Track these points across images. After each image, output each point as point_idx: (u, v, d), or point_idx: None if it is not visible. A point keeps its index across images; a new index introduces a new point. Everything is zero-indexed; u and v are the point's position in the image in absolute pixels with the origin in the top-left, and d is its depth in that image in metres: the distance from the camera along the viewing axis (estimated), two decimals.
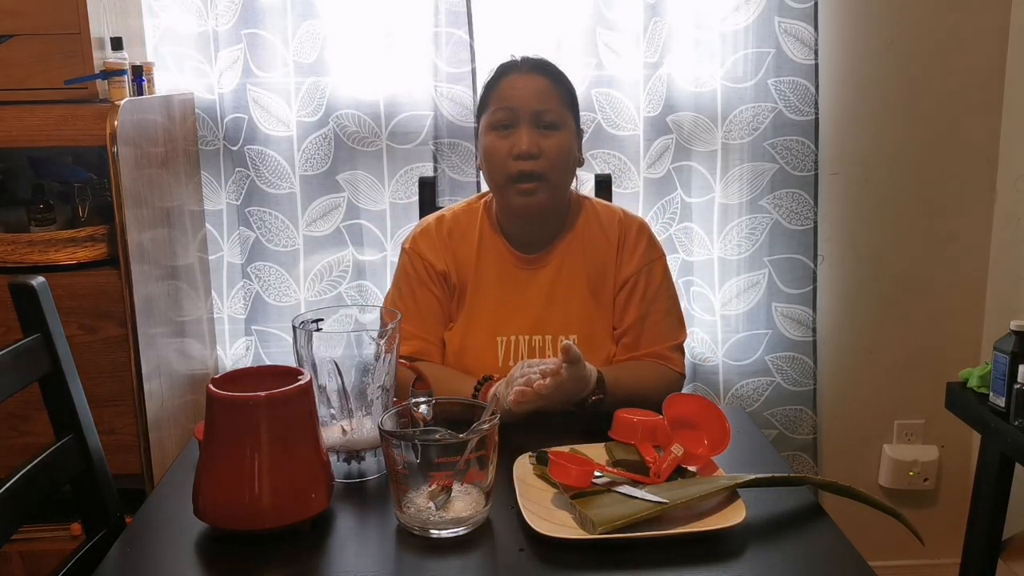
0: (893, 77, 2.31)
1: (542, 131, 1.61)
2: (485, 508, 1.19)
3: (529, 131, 1.60)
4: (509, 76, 1.64)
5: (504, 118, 1.62)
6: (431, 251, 1.70)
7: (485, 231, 1.71)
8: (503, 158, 1.61)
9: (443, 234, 1.71)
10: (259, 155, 2.21)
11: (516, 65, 1.66)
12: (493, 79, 1.67)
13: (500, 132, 1.62)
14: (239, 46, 2.16)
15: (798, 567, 1.13)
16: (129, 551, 1.18)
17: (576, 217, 1.72)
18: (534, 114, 1.61)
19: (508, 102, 1.61)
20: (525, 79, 1.63)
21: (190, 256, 2.17)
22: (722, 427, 1.34)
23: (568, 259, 1.70)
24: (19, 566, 1.88)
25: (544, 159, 1.60)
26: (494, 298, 1.68)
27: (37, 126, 1.79)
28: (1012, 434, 1.79)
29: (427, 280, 1.69)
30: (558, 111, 1.63)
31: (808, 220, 2.29)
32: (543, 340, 1.66)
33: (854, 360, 2.45)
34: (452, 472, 1.16)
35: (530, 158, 1.59)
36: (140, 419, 1.86)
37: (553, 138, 1.61)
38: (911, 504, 2.50)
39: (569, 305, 1.68)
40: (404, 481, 1.17)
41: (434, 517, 1.16)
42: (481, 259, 1.69)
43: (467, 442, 1.16)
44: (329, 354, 1.28)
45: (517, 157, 1.59)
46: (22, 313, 1.29)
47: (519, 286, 1.69)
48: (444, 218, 1.74)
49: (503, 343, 1.65)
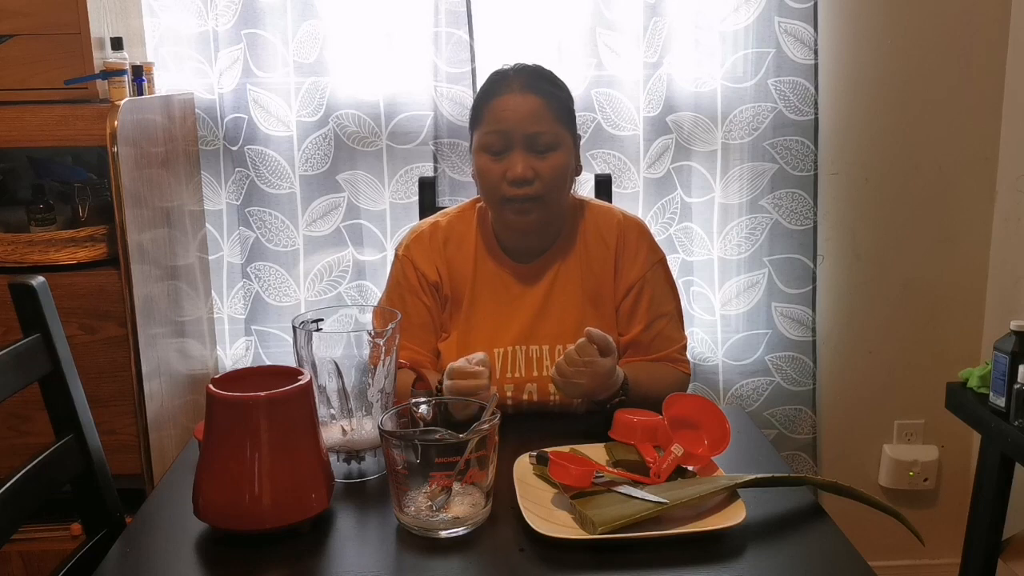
0: (893, 77, 2.31)
1: (536, 155, 1.57)
2: (485, 508, 1.19)
3: (523, 156, 1.56)
4: (501, 96, 1.58)
5: (496, 142, 1.57)
6: (424, 260, 1.67)
7: (480, 241, 1.69)
8: (497, 181, 1.58)
9: (438, 242, 1.68)
10: (259, 155, 2.21)
11: (508, 82, 1.59)
12: (486, 93, 1.62)
13: (493, 156, 1.58)
14: (239, 46, 2.16)
15: (798, 567, 1.13)
16: (129, 551, 1.18)
17: (574, 223, 1.70)
18: (527, 138, 1.56)
19: (500, 125, 1.56)
20: (518, 100, 1.57)
21: (190, 256, 2.17)
22: (722, 427, 1.34)
23: (564, 267, 1.68)
24: (19, 566, 1.88)
25: (539, 182, 1.57)
26: (489, 309, 1.66)
27: (37, 126, 1.79)
28: (1012, 434, 1.79)
29: (418, 290, 1.66)
30: (553, 131, 1.58)
31: (808, 220, 2.29)
32: (539, 350, 1.64)
33: (854, 360, 2.45)
34: (452, 472, 1.16)
35: (524, 184, 1.56)
36: (140, 419, 1.86)
37: (548, 160, 1.57)
38: (911, 504, 2.50)
39: (565, 314, 1.66)
40: (404, 481, 1.17)
41: (434, 518, 1.16)
42: (477, 269, 1.67)
43: (467, 442, 1.16)
44: (329, 354, 1.29)
45: (511, 183, 1.56)
46: (22, 313, 1.29)
47: (515, 297, 1.67)
48: (439, 225, 1.71)
49: (500, 355, 1.63)
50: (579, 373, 1.43)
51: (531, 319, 1.65)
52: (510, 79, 1.60)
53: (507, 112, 1.57)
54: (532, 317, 1.66)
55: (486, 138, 1.58)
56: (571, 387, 1.46)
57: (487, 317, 1.66)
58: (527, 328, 1.65)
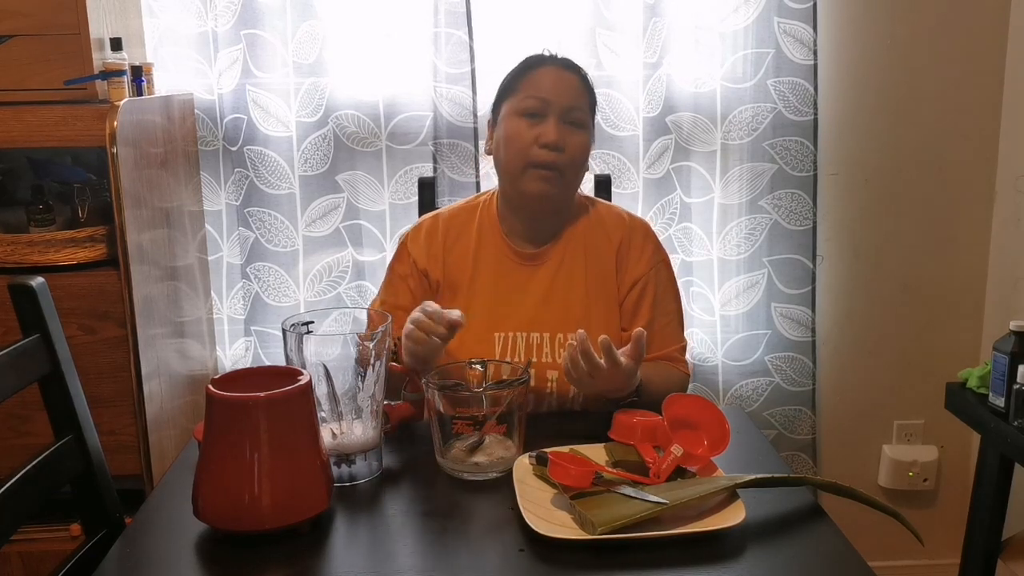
0: (892, 77, 2.31)
1: (569, 127, 1.63)
2: (509, 456, 1.33)
3: (558, 124, 1.61)
4: (544, 67, 1.65)
5: (535, 106, 1.62)
6: (417, 247, 1.72)
7: (484, 227, 1.71)
8: (527, 144, 1.62)
9: (437, 231, 1.72)
10: (258, 155, 2.21)
11: (549, 59, 1.67)
12: (525, 67, 1.68)
13: (528, 119, 1.63)
14: (238, 46, 2.16)
15: (798, 567, 1.13)
16: (129, 551, 1.18)
17: (579, 217, 1.73)
18: (565, 109, 1.62)
19: (542, 92, 1.62)
20: (560, 73, 1.65)
21: (189, 257, 2.17)
22: (721, 427, 1.34)
23: (568, 258, 1.70)
24: (19, 566, 1.88)
25: (567, 154, 1.62)
26: (491, 294, 1.68)
27: (37, 126, 1.79)
28: (1012, 434, 1.79)
29: (406, 274, 1.71)
30: (585, 112, 1.66)
31: (807, 220, 2.29)
32: (540, 337, 1.65)
33: (853, 360, 2.45)
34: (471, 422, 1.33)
35: (556, 149, 1.61)
36: (140, 420, 1.86)
37: (578, 135, 1.63)
38: (911, 504, 2.50)
39: (567, 303, 1.68)
40: (438, 427, 1.35)
41: (462, 462, 1.33)
42: (479, 256, 1.70)
43: (481, 396, 1.33)
44: (320, 357, 1.28)
45: (543, 146, 1.61)
46: (22, 314, 1.29)
47: (518, 283, 1.69)
48: (441, 215, 1.75)
49: (500, 339, 1.65)
50: (595, 372, 1.41)
51: (533, 307, 1.67)
52: (548, 59, 1.68)
53: (550, 81, 1.64)
54: (534, 305, 1.67)
55: (525, 102, 1.63)
56: (584, 384, 1.45)
57: (489, 302, 1.68)
58: (529, 315, 1.67)
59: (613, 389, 1.47)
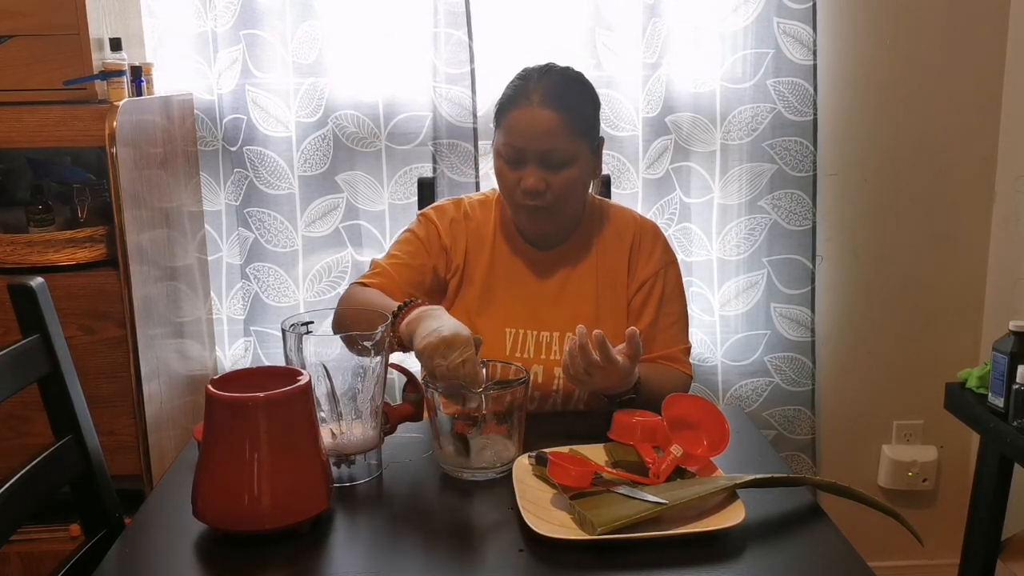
0: (892, 77, 2.31)
1: (550, 169, 1.59)
2: (506, 456, 1.33)
3: (536, 170, 1.58)
4: (520, 109, 1.58)
5: (512, 154, 1.60)
6: (444, 223, 1.71)
7: (499, 226, 1.73)
8: (511, 187, 1.62)
9: (460, 214, 1.72)
10: (258, 156, 2.21)
11: (529, 93, 1.58)
12: (508, 100, 1.62)
13: (508, 164, 1.62)
14: (238, 47, 2.16)
15: (797, 567, 1.13)
16: (128, 552, 1.18)
17: (591, 218, 1.73)
18: (542, 154, 1.58)
19: (518, 141, 1.58)
20: (535, 115, 1.57)
21: (189, 257, 2.17)
22: (721, 427, 1.34)
23: (581, 258, 1.71)
24: (18, 567, 1.88)
25: (551, 194, 1.60)
26: (505, 290, 1.69)
27: (36, 127, 1.79)
28: (1011, 434, 1.79)
29: (427, 241, 1.69)
30: (568, 147, 1.58)
31: (807, 220, 2.29)
32: (551, 336, 1.66)
33: (853, 360, 2.45)
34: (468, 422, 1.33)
35: (537, 196, 1.59)
36: (139, 420, 1.86)
37: (563, 174, 1.59)
38: (910, 504, 2.50)
39: (579, 304, 1.68)
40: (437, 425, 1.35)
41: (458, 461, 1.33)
42: (495, 253, 1.71)
43: (481, 397, 1.32)
44: (320, 357, 1.28)
45: (523, 192, 1.60)
46: (21, 314, 1.29)
47: (530, 282, 1.70)
48: (462, 202, 1.75)
49: (511, 335, 1.67)
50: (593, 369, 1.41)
51: (545, 306, 1.69)
52: (531, 90, 1.59)
53: (524, 126, 1.58)
54: (546, 304, 1.69)
55: (504, 148, 1.62)
56: (581, 380, 1.45)
57: (502, 297, 1.69)
58: (541, 314, 1.68)
59: (610, 386, 1.48)
